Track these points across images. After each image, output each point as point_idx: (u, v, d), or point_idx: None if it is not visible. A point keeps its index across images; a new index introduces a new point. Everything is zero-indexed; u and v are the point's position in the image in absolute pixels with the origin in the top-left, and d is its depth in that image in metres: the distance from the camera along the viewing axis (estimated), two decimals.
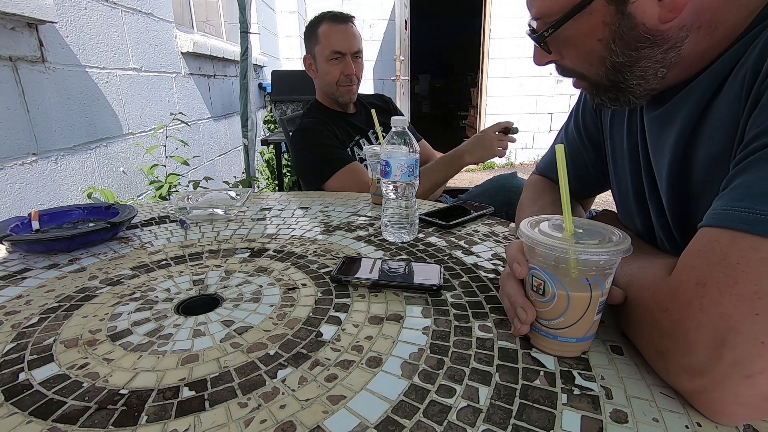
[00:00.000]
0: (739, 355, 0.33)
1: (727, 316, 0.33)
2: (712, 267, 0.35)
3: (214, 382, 0.40)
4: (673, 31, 0.44)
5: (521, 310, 0.44)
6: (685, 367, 0.36)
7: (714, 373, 0.34)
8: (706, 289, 0.35)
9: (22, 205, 1.18)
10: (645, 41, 0.45)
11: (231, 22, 3.42)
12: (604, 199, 1.22)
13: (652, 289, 0.41)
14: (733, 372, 0.33)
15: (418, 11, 6.27)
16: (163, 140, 1.82)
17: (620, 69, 0.49)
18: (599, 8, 0.46)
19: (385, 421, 0.35)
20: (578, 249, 0.39)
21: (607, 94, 0.53)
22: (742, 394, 0.33)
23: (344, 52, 1.34)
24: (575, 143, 0.74)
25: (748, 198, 0.35)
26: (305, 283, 0.60)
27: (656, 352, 0.39)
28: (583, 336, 0.42)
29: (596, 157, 0.72)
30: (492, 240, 0.75)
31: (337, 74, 1.36)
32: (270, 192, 2.61)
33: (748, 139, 0.38)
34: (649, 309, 0.40)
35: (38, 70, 1.25)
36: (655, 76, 0.48)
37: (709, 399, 0.35)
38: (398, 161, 0.71)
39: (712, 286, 0.35)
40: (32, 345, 0.47)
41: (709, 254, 0.36)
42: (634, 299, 0.43)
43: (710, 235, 0.37)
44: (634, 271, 0.45)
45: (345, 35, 1.35)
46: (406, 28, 4.60)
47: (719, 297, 0.34)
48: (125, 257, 0.71)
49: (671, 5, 0.43)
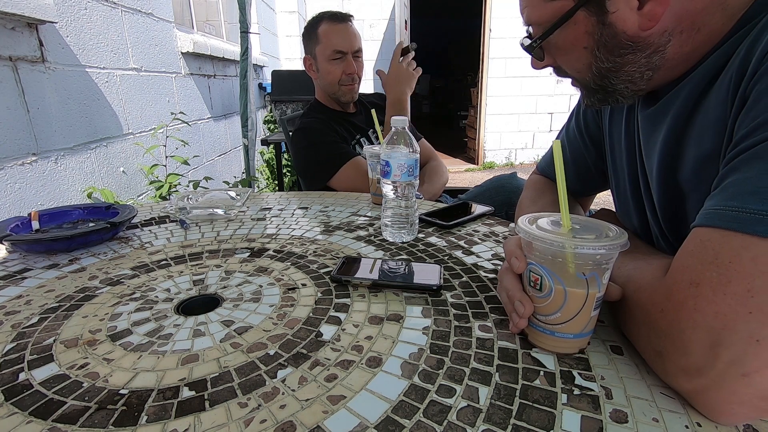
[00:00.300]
0: (735, 353, 0.33)
1: (721, 315, 0.34)
2: (705, 266, 0.35)
3: (214, 382, 0.40)
4: (655, 36, 0.46)
5: (519, 303, 0.44)
6: (682, 367, 0.36)
7: (711, 373, 0.34)
8: (699, 289, 0.35)
9: (22, 205, 1.18)
10: (627, 48, 0.47)
11: (231, 22, 3.42)
12: (603, 199, 1.22)
13: (648, 289, 0.41)
14: (730, 371, 0.33)
15: (418, 11, 6.27)
16: (163, 140, 1.82)
17: (606, 74, 0.51)
18: (582, 19, 0.48)
19: (385, 421, 0.35)
20: (575, 243, 0.39)
21: (596, 95, 0.55)
22: (740, 393, 0.33)
23: (345, 51, 1.34)
24: (576, 142, 0.74)
25: (738, 197, 0.36)
26: (305, 283, 0.60)
27: (654, 353, 0.39)
28: (580, 332, 0.43)
29: (597, 156, 0.72)
30: (492, 240, 0.75)
31: (338, 74, 1.35)
32: (270, 192, 2.61)
33: (737, 138, 0.39)
34: (645, 309, 0.40)
35: (38, 70, 1.25)
36: (642, 78, 0.50)
37: (708, 399, 0.35)
38: (398, 161, 0.71)
39: (706, 286, 0.35)
40: (32, 345, 0.47)
41: (702, 254, 0.36)
42: (631, 299, 0.43)
43: (703, 235, 0.37)
44: (631, 271, 0.46)
45: (345, 34, 1.35)
46: (406, 28, 4.60)
47: (713, 296, 0.34)
48: (125, 257, 0.71)
49: (649, 14, 0.44)
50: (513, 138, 5.49)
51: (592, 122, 0.71)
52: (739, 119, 0.40)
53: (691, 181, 0.49)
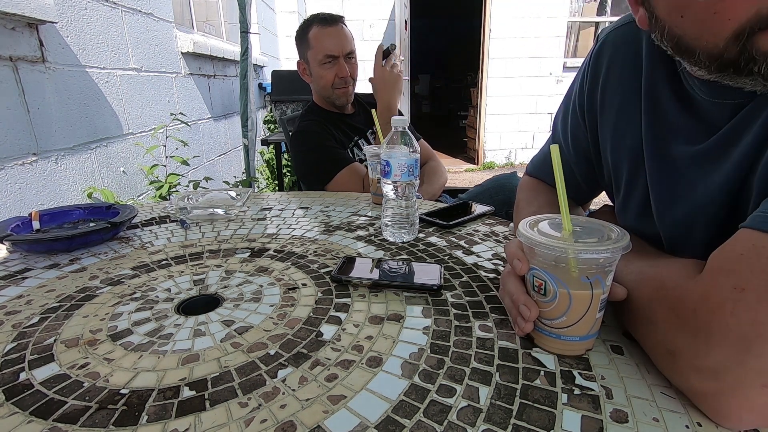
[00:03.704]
0: (761, 364, 0.32)
1: (759, 324, 0.32)
2: (755, 274, 0.34)
3: (214, 382, 0.40)
4: None
5: (524, 307, 0.44)
6: (697, 368, 0.35)
7: (728, 378, 0.33)
8: (744, 294, 0.34)
9: (22, 205, 1.18)
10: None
11: (231, 22, 3.42)
12: (603, 199, 1.21)
13: (678, 288, 0.39)
14: (752, 379, 0.33)
15: (418, 11, 6.27)
16: (163, 140, 1.81)
17: None
18: None
19: (386, 421, 0.35)
20: (578, 248, 0.39)
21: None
22: (756, 402, 0.33)
23: (336, 54, 1.34)
24: (564, 153, 0.71)
25: None
26: (305, 282, 0.60)
27: (665, 351, 0.39)
28: (586, 334, 0.43)
29: (585, 166, 0.68)
30: (492, 240, 0.75)
31: (331, 78, 1.35)
32: (270, 192, 2.61)
33: None
34: (672, 307, 0.39)
35: (38, 70, 1.25)
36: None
37: (719, 402, 0.34)
38: (398, 161, 0.71)
39: (752, 293, 0.33)
40: (33, 345, 0.47)
41: (754, 260, 0.34)
42: (647, 297, 0.42)
43: (757, 240, 0.35)
44: (644, 269, 0.44)
45: (336, 38, 1.34)
46: (406, 28, 4.60)
47: (756, 304, 0.33)
48: (126, 257, 0.71)
49: None
50: (513, 138, 5.49)
51: (579, 132, 0.67)
52: None
53: None
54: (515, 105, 5.33)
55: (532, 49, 5.18)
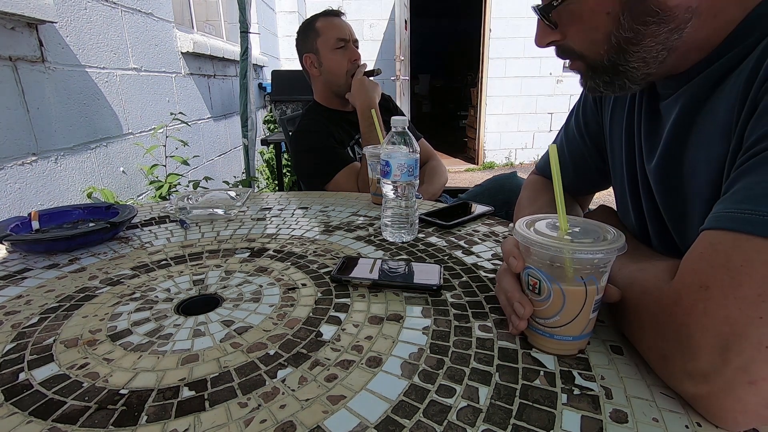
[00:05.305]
0: (743, 360, 0.32)
1: (731, 319, 0.33)
2: (716, 270, 0.35)
3: (214, 382, 0.40)
4: (680, 10, 0.44)
5: (518, 305, 0.44)
6: (688, 372, 0.36)
7: (718, 379, 0.34)
8: (709, 292, 0.35)
9: (22, 205, 1.18)
10: (654, 16, 0.44)
11: (231, 22, 3.42)
12: (604, 198, 1.22)
13: (655, 292, 0.40)
14: (739, 378, 0.33)
15: (418, 11, 6.27)
16: (163, 140, 1.81)
17: (624, 46, 0.48)
18: None
19: (385, 421, 0.35)
20: (573, 248, 0.39)
21: (603, 77, 0.52)
22: (746, 400, 0.33)
23: (347, 38, 1.38)
24: (575, 141, 0.74)
25: (750, 200, 0.35)
26: (305, 283, 0.60)
27: (659, 356, 0.39)
28: (579, 334, 0.43)
29: (596, 154, 0.72)
30: (492, 240, 0.75)
31: (345, 62, 1.37)
32: (270, 192, 2.61)
33: (748, 143, 0.38)
34: (652, 312, 0.40)
35: (38, 69, 1.25)
36: (656, 59, 0.48)
37: (713, 405, 0.34)
38: (398, 161, 0.71)
39: (716, 289, 0.34)
40: (32, 345, 0.47)
41: (712, 257, 0.36)
42: (636, 302, 0.43)
43: (713, 238, 0.36)
44: (634, 272, 0.45)
45: (343, 25, 1.40)
46: (406, 28, 4.60)
47: (723, 300, 0.34)
48: (125, 257, 0.71)
49: None
50: (513, 138, 5.49)
51: (592, 120, 0.71)
52: (750, 124, 0.39)
53: (693, 184, 0.48)
54: (515, 105, 5.33)
55: (532, 49, 5.16)
